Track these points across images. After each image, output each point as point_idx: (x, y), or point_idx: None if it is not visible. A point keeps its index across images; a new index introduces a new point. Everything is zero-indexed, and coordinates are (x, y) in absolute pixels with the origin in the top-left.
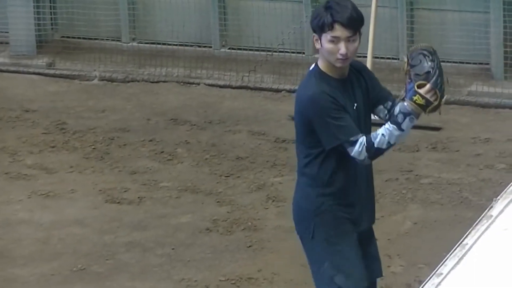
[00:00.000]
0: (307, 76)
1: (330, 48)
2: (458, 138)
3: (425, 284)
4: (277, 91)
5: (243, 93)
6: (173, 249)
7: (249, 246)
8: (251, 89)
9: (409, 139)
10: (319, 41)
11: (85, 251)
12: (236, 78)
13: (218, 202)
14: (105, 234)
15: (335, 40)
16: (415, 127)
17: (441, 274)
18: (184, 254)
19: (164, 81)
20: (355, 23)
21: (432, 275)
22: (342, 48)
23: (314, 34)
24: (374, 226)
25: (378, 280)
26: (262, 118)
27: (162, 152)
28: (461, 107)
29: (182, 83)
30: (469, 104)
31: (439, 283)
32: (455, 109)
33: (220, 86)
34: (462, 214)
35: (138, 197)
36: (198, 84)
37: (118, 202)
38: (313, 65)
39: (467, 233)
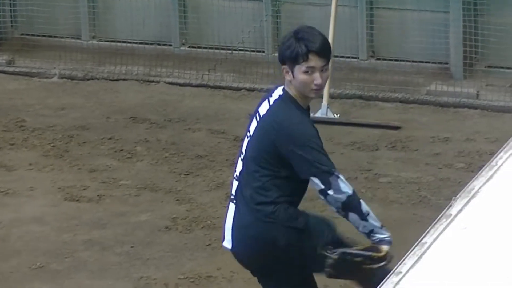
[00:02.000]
0: (282, 102)
1: (305, 79)
2: (417, 137)
3: (384, 282)
4: (237, 89)
5: (203, 92)
6: (132, 247)
7: (208, 245)
8: (211, 87)
9: (368, 138)
10: (290, 73)
11: (44, 249)
12: (196, 77)
13: (177, 200)
14: (64, 232)
15: (309, 71)
16: (374, 125)
17: (400, 272)
18: (143, 252)
19: (124, 79)
20: (328, 51)
21: (391, 274)
22: (318, 78)
23: (283, 66)
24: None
25: None
26: (222, 116)
27: (122, 150)
28: (420, 106)
29: (142, 81)
30: (428, 103)
31: (398, 282)
32: (415, 108)
33: (180, 85)
34: (421, 213)
35: (98, 195)
36: (158, 82)
37: (77, 200)
38: (280, 91)
39: (426, 231)
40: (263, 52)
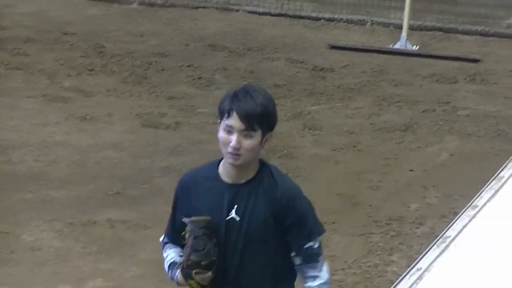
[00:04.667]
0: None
1: (223, 137)
2: (496, 71)
3: (460, 215)
4: (316, 19)
5: (282, 21)
6: None
7: (285, 174)
8: (290, 17)
9: (447, 70)
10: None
11: (121, 175)
12: (275, 6)
13: None
14: (141, 159)
15: (229, 130)
16: (454, 58)
17: (477, 206)
18: None
19: (203, 7)
20: (252, 118)
21: (468, 207)
22: (233, 140)
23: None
24: (410, 157)
25: None
26: (301, 46)
27: (200, 78)
28: (500, 40)
29: (221, 10)
30: (509, 36)
31: (475, 215)
32: (494, 41)
33: (259, 13)
34: (499, 146)
35: (175, 122)
36: (238, 10)
37: (155, 127)
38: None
39: (504, 165)
40: None
